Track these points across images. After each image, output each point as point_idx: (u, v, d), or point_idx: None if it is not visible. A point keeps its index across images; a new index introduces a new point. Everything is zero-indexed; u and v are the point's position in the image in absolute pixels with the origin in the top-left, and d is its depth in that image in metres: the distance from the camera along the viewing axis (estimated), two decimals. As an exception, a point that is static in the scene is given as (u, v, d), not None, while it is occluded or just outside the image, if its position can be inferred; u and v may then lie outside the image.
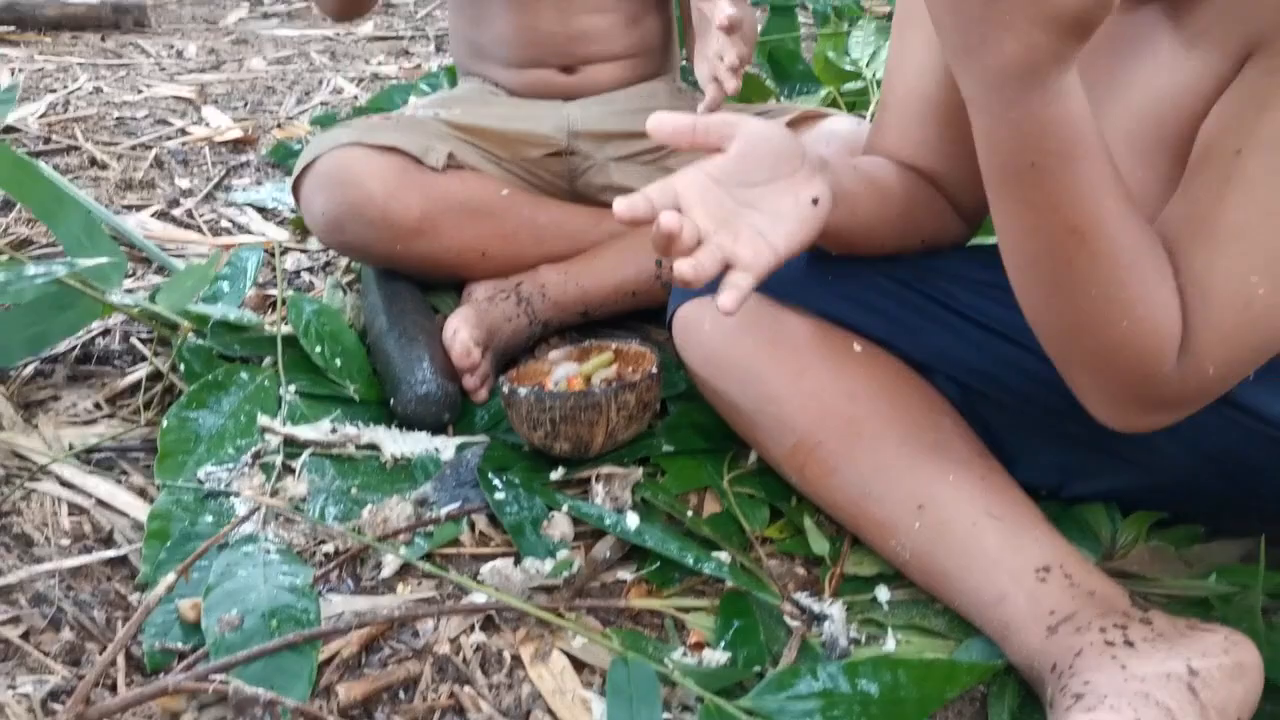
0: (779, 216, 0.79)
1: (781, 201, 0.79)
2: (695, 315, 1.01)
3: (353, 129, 1.28)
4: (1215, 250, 0.69)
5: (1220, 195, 0.69)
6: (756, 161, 0.79)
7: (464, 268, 1.31)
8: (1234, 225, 0.68)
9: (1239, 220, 0.68)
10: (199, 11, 2.87)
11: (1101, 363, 0.73)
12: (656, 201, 0.74)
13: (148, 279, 1.36)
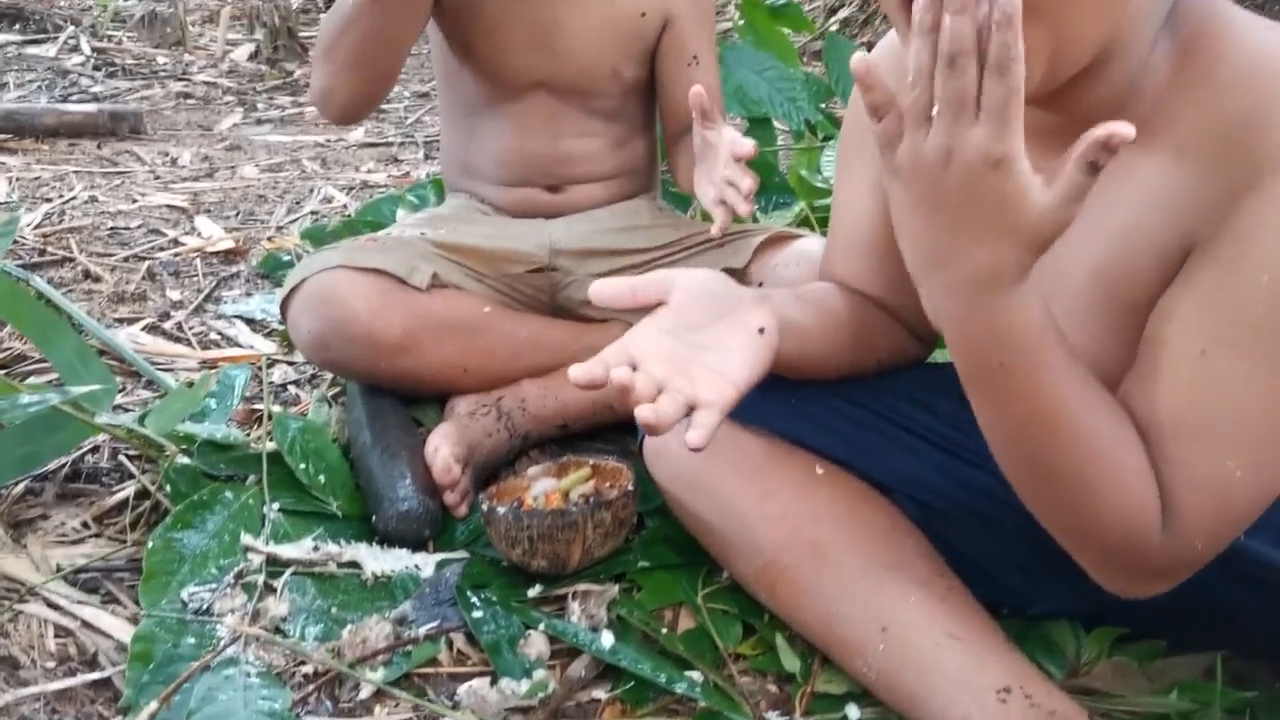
0: (731, 351, 0.83)
1: (730, 337, 0.84)
2: (665, 437, 1.04)
3: (340, 251, 1.33)
4: (1193, 441, 0.72)
5: (1189, 394, 0.72)
6: (698, 307, 0.84)
7: (446, 383, 1.35)
8: (1207, 422, 0.72)
9: (1212, 417, 0.72)
10: (194, 117, 2.94)
11: (1086, 537, 0.77)
12: (611, 362, 0.78)
13: (137, 393, 1.39)
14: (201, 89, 3.25)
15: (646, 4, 1.41)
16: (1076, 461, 0.73)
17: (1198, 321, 0.72)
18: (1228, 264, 0.71)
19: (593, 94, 1.43)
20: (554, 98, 1.42)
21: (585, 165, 1.47)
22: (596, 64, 1.41)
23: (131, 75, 3.35)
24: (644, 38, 1.43)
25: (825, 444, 1.00)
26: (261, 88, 3.31)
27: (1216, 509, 0.73)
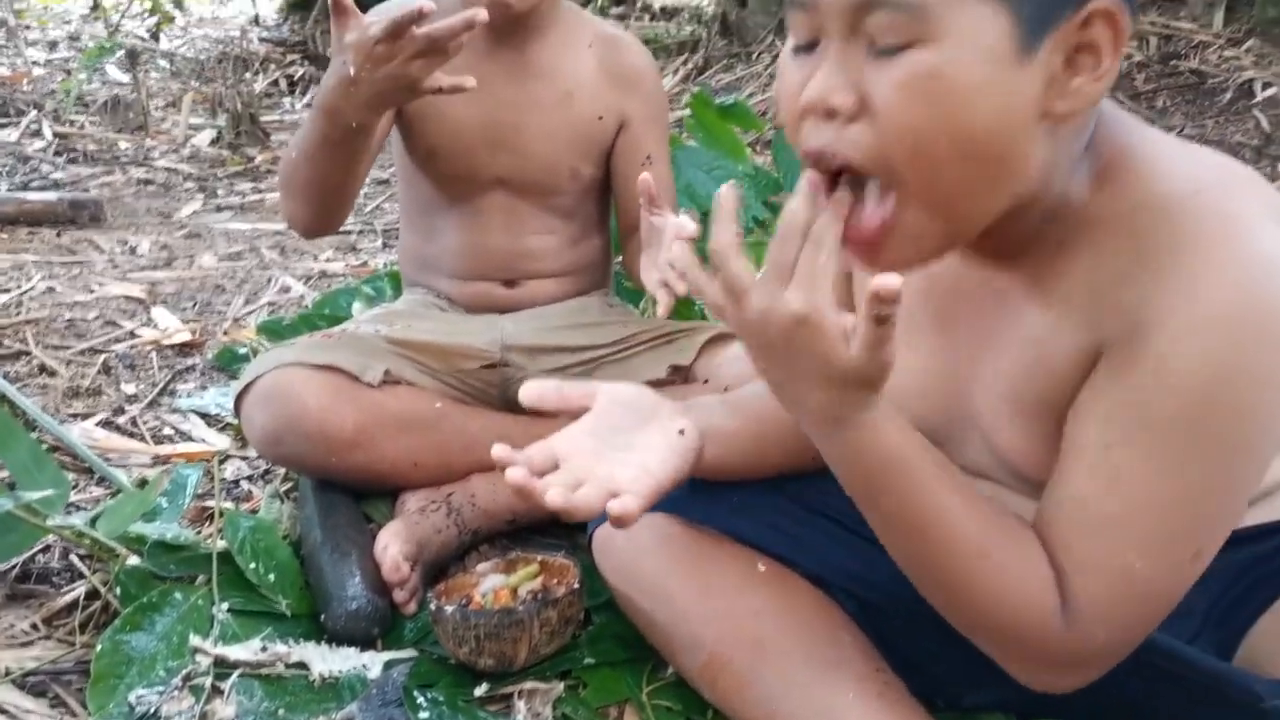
0: (652, 449, 0.89)
1: (651, 439, 0.90)
2: (611, 534, 1.08)
3: (294, 348, 1.36)
4: (1095, 535, 0.75)
5: (1095, 487, 0.76)
6: (620, 412, 0.91)
7: (397, 478, 1.37)
8: (1110, 514, 0.75)
9: (1115, 509, 0.75)
10: (154, 204, 2.97)
11: (984, 632, 0.81)
12: (535, 459, 0.84)
13: (90, 490, 1.40)
14: (163, 175, 3.28)
15: (603, 108, 1.47)
16: (955, 564, 0.77)
17: (1103, 420, 0.76)
18: (1130, 367, 0.74)
19: (552, 193, 1.48)
20: (513, 196, 1.47)
21: (542, 261, 1.51)
22: (556, 164, 1.46)
23: (93, 161, 3.38)
24: (601, 139, 1.48)
25: (766, 540, 1.03)
26: (223, 174, 3.35)
27: (1116, 599, 0.76)
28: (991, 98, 0.70)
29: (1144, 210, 0.76)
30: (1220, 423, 0.72)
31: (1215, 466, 0.73)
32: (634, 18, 7.64)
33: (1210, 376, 0.71)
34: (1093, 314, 0.78)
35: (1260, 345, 0.70)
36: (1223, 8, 3.42)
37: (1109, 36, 0.70)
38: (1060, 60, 0.71)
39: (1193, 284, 0.71)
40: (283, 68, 4.93)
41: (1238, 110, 3.03)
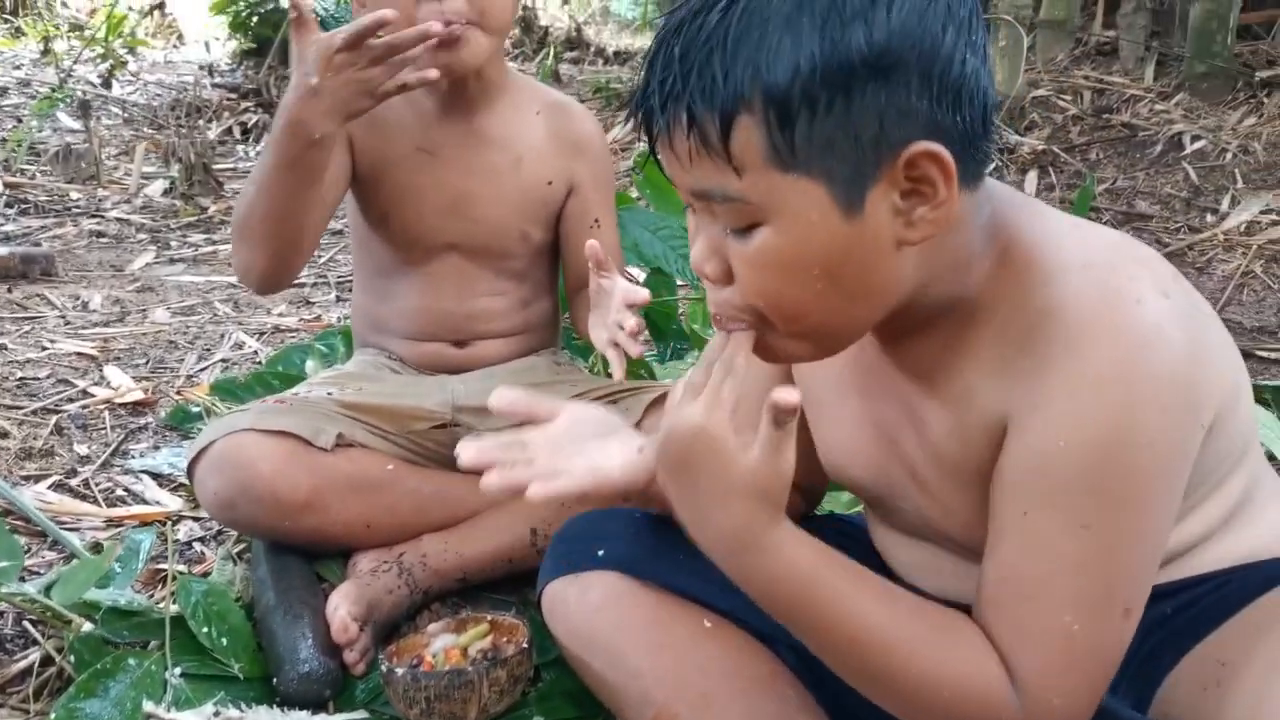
0: (610, 456, 0.96)
1: (611, 449, 0.97)
2: (561, 592, 1.11)
3: (248, 414, 1.38)
4: (1027, 601, 0.79)
5: (1020, 553, 0.80)
6: (586, 426, 0.98)
7: (350, 539, 1.40)
8: (1038, 577, 0.79)
9: (1041, 571, 0.79)
10: (106, 257, 2.98)
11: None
12: (500, 452, 0.94)
13: (43, 554, 1.41)
14: (115, 226, 3.29)
15: (552, 173, 1.52)
16: (894, 668, 0.81)
17: (1016, 488, 0.81)
18: (1032, 436, 0.80)
19: (503, 256, 1.52)
20: (465, 259, 1.51)
21: (492, 322, 1.55)
22: (506, 228, 1.51)
23: (44, 212, 3.38)
24: (550, 203, 1.53)
25: (712, 597, 1.07)
26: (175, 224, 3.36)
27: (1063, 665, 0.79)
28: (833, 254, 0.78)
29: (1036, 288, 0.81)
30: (1119, 482, 0.77)
31: (1124, 522, 0.78)
32: (587, 62, 7.76)
33: (1102, 439, 0.76)
34: (998, 386, 0.83)
35: (1144, 409, 0.76)
36: (1153, 63, 3.55)
37: (937, 171, 0.76)
38: (897, 198, 0.77)
39: (1080, 355, 0.77)
40: (236, 115, 4.95)
41: (1168, 162, 3.15)
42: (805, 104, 0.73)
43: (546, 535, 1.35)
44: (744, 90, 0.74)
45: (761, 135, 0.75)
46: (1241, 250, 2.70)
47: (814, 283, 0.78)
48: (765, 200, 0.77)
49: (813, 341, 0.84)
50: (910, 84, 0.74)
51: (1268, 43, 3.50)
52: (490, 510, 1.43)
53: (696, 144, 0.76)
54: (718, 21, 0.75)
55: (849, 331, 0.85)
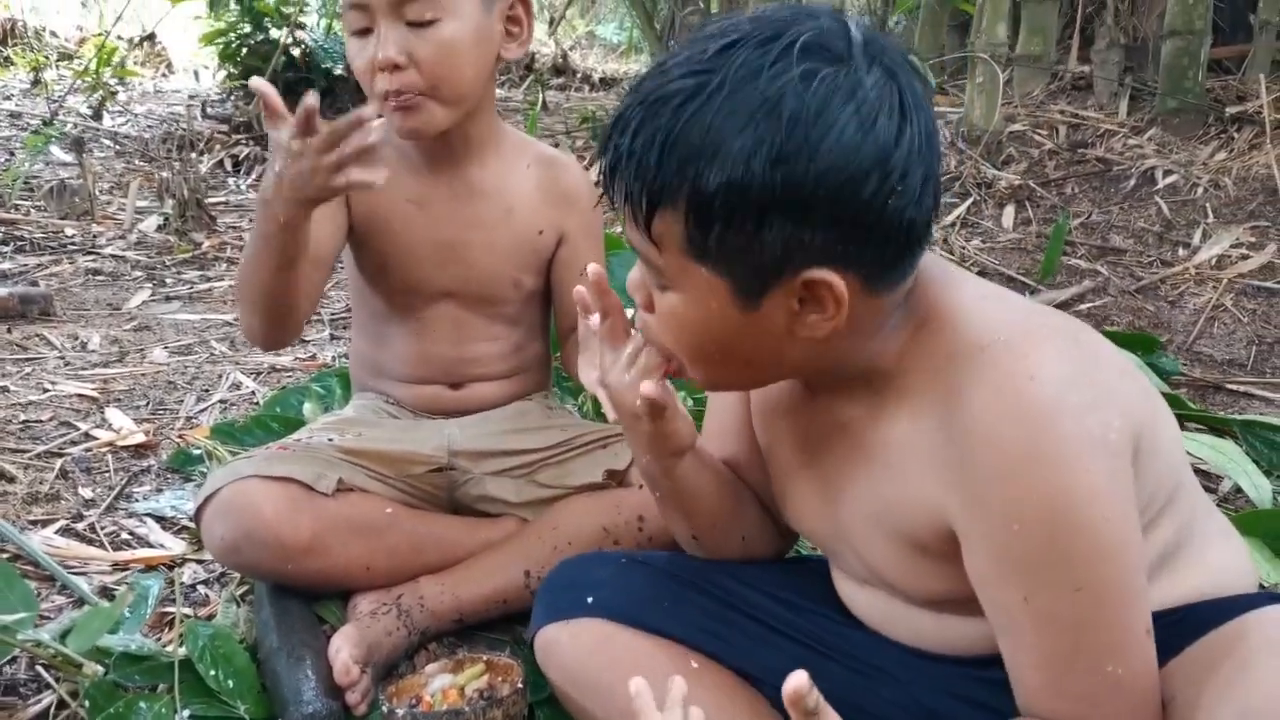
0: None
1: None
2: (554, 636, 1.17)
3: (252, 461, 1.44)
4: (1072, 672, 0.86)
5: (1042, 635, 0.87)
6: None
7: (350, 581, 1.45)
8: (1069, 648, 0.86)
9: (1068, 642, 0.86)
10: (103, 295, 3.02)
11: None
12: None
13: (53, 599, 1.46)
14: (110, 263, 3.34)
15: (543, 223, 1.58)
16: None
17: (1003, 579, 0.87)
18: (984, 527, 0.87)
19: (496, 302, 1.58)
20: (459, 306, 1.57)
21: (486, 366, 1.61)
22: (499, 276, 1.57)
23: (40, 250, 3.42)
24: (542, 252, 1.59)
25: (698, 640, 1.14)
26: (170, 261, 3.41)
27: (1128, 708, 0.86)
28: (726, 335, 0.90)
29: (948, 360, 0.89)
30: (1082, 540, 0.83)
31: (1105, 569, 0.84)
32: (573, 88, 7.85)
33: (1047, 513, 0.83)
34: (928, 473, 0.91)
35: (1070, 474, 0.82)
36: (1126, 98, 3.64)
37: (830, 294, 0.86)
38: (794, 303, 0.87)
39: (996, 446, 0.84)
40: (227, 148, 5.00)
41: (1141, 196, 3.23)
42: (722, 216, 0.83)
43: (540, 577, 1.40)
44: (673, 189, 0.84)
45: (680, 228, 0.85)
46: (1212, 284, 2.78)
47: (709, 351, 0.92)
48: (676, 276, 0.88)
49: (713, 384, 1.00)
50: (817, 223, 0.83)
51: (1238, 78, 3.60)
52: (486, 552, 1.49)
53: (629, 214, 0.87)
54: (671, 115, 0.83)
55: (747, 385, 1.02)
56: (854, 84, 0.82)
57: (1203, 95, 3.45)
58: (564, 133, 5.87)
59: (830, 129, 0.81)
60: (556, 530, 1.47)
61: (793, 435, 1.07)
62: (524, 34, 1.47)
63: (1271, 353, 2.52)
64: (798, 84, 0.81)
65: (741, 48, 0.83)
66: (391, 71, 1.37)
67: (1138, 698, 0.87)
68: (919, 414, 0.92)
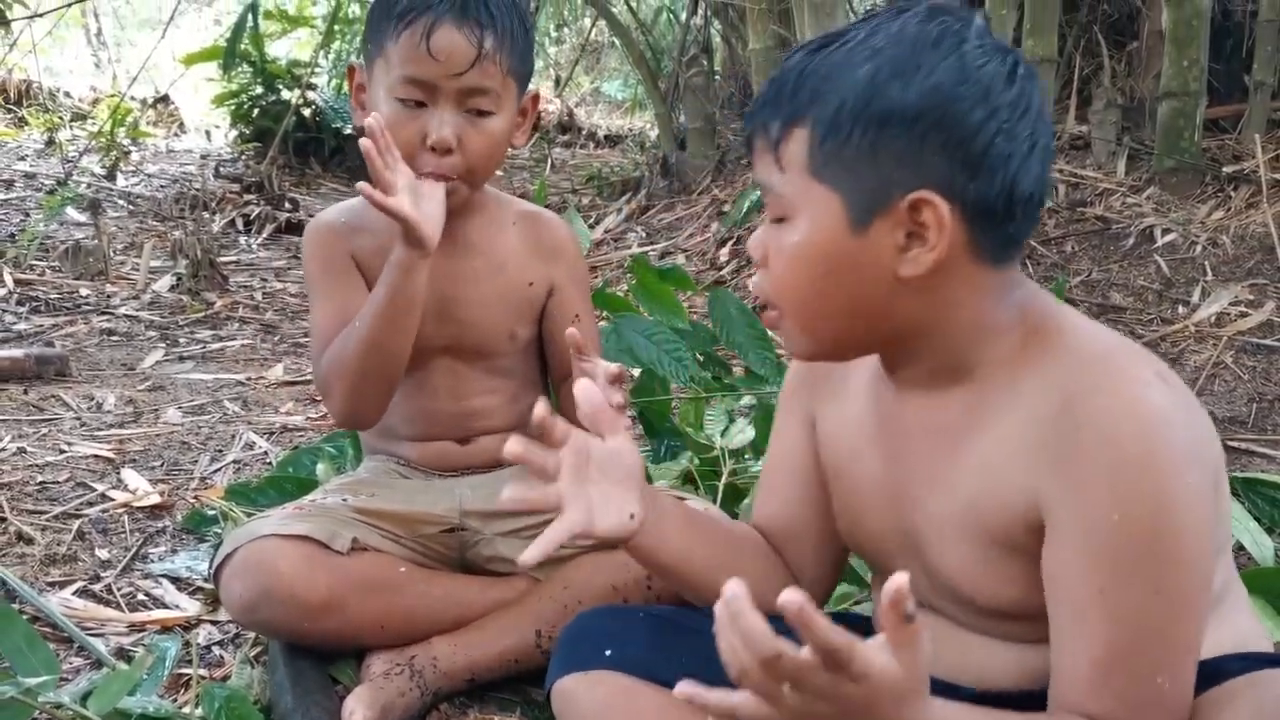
0: (607, 505, 1.06)
1: (612, 497, 1.06)
2: (571, 689, 1.18)
3: (269, 521, 1.47)
4: (1124, 673, 0.89)
5: (1108, 629, 0.89)
6: (614, 462, 1.07)
7: (364, 639, 1.47)
8: (1129, 647, 0.89)
9: (1130, 642, 0.89)
10: (117, 355, 3.07)
11: None
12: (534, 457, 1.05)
13: (71, 660, 1.49)
14: (125, 324, 3.39)
15: (533, 275, 1.63)
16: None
17: (1085, 570, 0.90)
18: (1083, 515, 0.90)
19: (492, 355, 1.62)
20: (457, 360, 1.61)
21: (488, 419, 1.64)
22: (496, 329, 1.61)
23: (55, 310, 3.47)
24: (534, 302, 1.64)
25: None
26: (183, 320, 3.46)
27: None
28: (836, 259, 0.95)
29: (1065, 367, 0.94)
30: (1174, 545, 0.88)
31: (1185, 581, 0.89)
32: (579, 145, 7.95)
33: (1151, 510, 0.88)
34: (1029, 464, 0.94)
35: (1176, 478, 0.88)
36: (1124, 157, 3.69)
37: (933, 219, 0.92)
38: (901, 235, 0.93)
39: (1113, 440, 0.88)
40: (239, 207, 5.07)
41: (1140, 255, 3.27)
42: (844, 130, 0.92)
43: (550, 636, 1.42)
44: (802, 109, 0.94)
45: (804, 146, 0.94)
46: (1212, 341, 2.81)
47: (817, 280, 0.96)
48: (796, 197, 0.95)
49: (815, 340, 1.01)
50: (933, 144, 0.91)
51: (1234, 137, 3.65)
52: (497, 612, 1.51)
53: (763, 144, 0.97)
54: (806, 59, 0.96)
55: (847, 340, 1.01)
56: (974, 31, 0.94)
57: (1199, 155, 3.50)
58: (570, 190, 5.96)
59: (947, 54, 0.91)
60: (567, 589, 1.49)
61: (875, 446, 1.09)
62: (527, 124, 1.59)
63: (1272, 410, 2.54)
64: (923, 18, 0.93)
65: (885, 16, 0.95)
66: (444, 154, 1.44)
67: (1170, 717, 0.89)
68: (1025, 413, 0.95)
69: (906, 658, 0.77)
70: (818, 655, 0.76)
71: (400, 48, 1.43)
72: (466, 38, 1.42)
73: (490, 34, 1.44)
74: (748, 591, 0.78)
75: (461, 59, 1.43)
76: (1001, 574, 0.99)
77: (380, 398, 1.53)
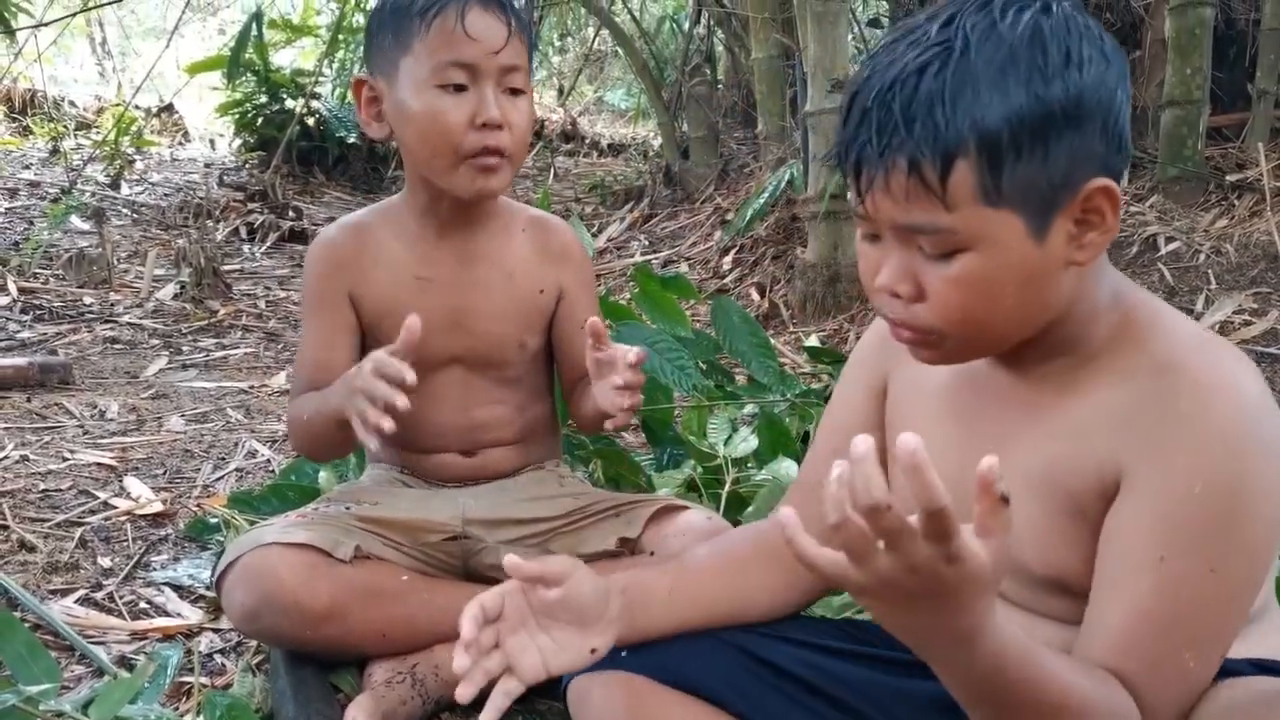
0: (563, 649, 1.04)
1: (571, 641, 1.05)
2: (586, 688, 1.17)
3: (272, 529, 1.47)
4: (1160, 640, 0.88)
5: (1156, 595, 0.89)
6: (567, 608, 1.05)
7: (366, 648, 1.47)
8: (1172, 618, 0.88)
9: (1173, 612, 0.88)
10: (120, 363, 3.07)
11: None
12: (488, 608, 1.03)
13: (72, 668, 1.48)
14: (128, 331, 3.39)
15: (543, 282, 1.63)
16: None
17: (1151, 533, 0.90)
18: (1161, 481, 0.90)
19: (502, 365, 1.62)
20: (467, 370, 1.61)
21: (494, 430, 1.64)
22: (506, 338, 1.61)
23: (59, 318, 3.48)
24: (544, 310, 1.64)
25: (733, 702, 1.14)
26: (186, 329, 3.46)
27: (1175, 699, 0.89)
28: (1021, 274, 0.91)
29: (1160, 350, 0.94)
30: (1246, 529, 0.88)
31: (1243, 569, 0.89)
32: (582, 154, 7.97)
33: (1232, 487, 0.88)
34: (1115, 432, 0.94)
35: (1263, 462, 0.88)
36: (1128, 166, 3.69)
37: (1108, 203, 0.91)
38: (1073, 225, 0.91)
39: (1205, 411, 0.89)
40: (242, 216, 5.08)
41: (1144, 263, 3.27)
42: (1013, 149, 0.87)
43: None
44: (963, 138, 0.87)
45: (974, 177, 0.88)
46: (1216, 349, 2.80)
47: (1004, 299, 0.92)
48: (973, 231, 0.90)
49: (980, 350, 0.99)
50: (1094, 131, 0.89)
51: (1237, 146, 3.65)
52: (499, 621, 1.51)
53: (915, 185, 0.89)
54: (934, 80, 0.88)
55: (1005, 341, 0.98)
56: (1079, 14, 0.91)
57: (1202, 163, 3.50)
58: (573, 199, 5.96)
59: (1083, 41, 0.89)
60: (569, 599, 1.49)
61: (951, 407, 1.09)
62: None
63: (1277, 418, 2.54)
64: (1039, 14, 0.89)
65: (962, 16, 0.90)
66: (496, 130, 1.46)
67: (1186, 697, 0.89)
68: (1120, 385, 0.95)
69: (994, 547, 0.76)
70: (923, 517, 0.73)
71: (433, 38, 1.45)
72: (496, 16, 1.47)
73: (512, 15, 1.49)
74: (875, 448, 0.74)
75: (497, 37, 1.46)
76: (1062, 539, 0.98)
77: (333, 455, 1.66)
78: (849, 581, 0.77)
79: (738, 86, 5.89)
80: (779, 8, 4.56)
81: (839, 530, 0.75)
